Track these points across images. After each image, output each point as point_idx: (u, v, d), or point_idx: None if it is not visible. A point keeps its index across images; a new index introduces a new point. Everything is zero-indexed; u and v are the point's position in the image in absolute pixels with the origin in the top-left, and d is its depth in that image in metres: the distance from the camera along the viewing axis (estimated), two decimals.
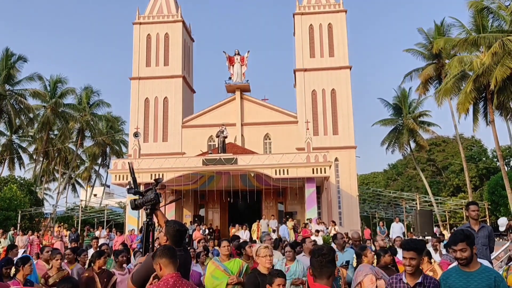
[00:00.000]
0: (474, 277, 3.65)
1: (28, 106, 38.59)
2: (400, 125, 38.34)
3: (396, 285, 3.97)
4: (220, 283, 5.62)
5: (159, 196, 4.28)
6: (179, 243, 3.78)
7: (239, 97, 31.84)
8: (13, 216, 29.51)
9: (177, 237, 3.89)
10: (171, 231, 3.92)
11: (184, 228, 4.00)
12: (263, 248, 5.24)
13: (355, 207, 30.14)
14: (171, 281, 3.23)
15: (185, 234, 3.95)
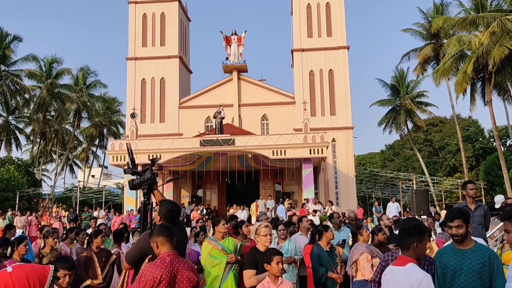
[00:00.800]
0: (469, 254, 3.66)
1: (24, 86, 38.32)
2: (397, 105, 38.33)
3: (391, 262, 3.97)
4: (219, 262, 5.67)
5: (155, 176, 4.28)
6: (173, 222, 3.79)
7: (236, 78, 31.65)
8: (11, 197, 29.58)
9: (170, 216, 3.91)
10: (163, 211, 3.96)
11: (177, 208, 4.00)
12: (264, 227, 5.29)
13: (352, 187, 30.32)
14: (167, 260, 3.25)
15: (179, 214, 3.97)
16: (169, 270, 3.21)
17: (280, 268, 4.36)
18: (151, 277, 3.16)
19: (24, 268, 1.64)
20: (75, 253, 7.05)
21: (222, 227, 6.10)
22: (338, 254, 6.41)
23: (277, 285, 4.36)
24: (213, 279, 5.70)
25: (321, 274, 6.10)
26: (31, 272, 1.63)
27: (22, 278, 1.60)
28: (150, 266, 3.23)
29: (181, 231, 3.93)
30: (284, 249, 6.37)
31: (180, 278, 3.25)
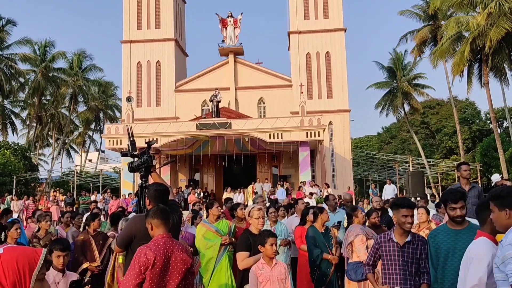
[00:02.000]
0: (463, 234, 3.70)
1: (19, 70, 38.01)
2: (394, 88, 38.24)
3: (385, 244, 4.00)
4: (213, 244, 5.73)
5: (152, 159, 4.28)
6: (162, 203, 3.79)
7: (232, 61, 31.43)
8: (8, 181, 29.56)
9: (157, 197, 3.89)
10: (151, 191, 3.96)
11: (162, 187, 3.98)
12: (256, 210, 5.32)
13: (348, 170, 30.43)
14: (161, 242, 3.27)
15: (166, 193, 3.94)
16: (163, 252, 3.23)
17: (274, 250, 4.40)
18: (145, 259, 3.19)
19: (15, 251, 1.62)
20: (71, 236, 7.10)
21: (216, 210, 6.15)
22: (333, 236, 6.47)
23: (271, 266, 4.41)
24: (207, 260, 5.76)
25: (316, 256, 6.17)
26: (21, 255, 1.61)
27: (12, 261, 1.58)
28: (144, 249, 3.25)
29: (174, 211, 3.93)
30: (277, 232, 6.43)
31: (174, 260, 3.28)
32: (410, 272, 3.80)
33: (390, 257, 3.92)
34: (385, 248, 3.97)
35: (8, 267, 1.56)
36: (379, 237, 4.15)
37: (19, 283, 1.56)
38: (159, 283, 3.23)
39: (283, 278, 4.43)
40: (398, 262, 3.85)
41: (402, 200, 4.24)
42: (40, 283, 1.64)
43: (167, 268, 3.25)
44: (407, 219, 3.88)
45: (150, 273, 3.19)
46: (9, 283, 1.54)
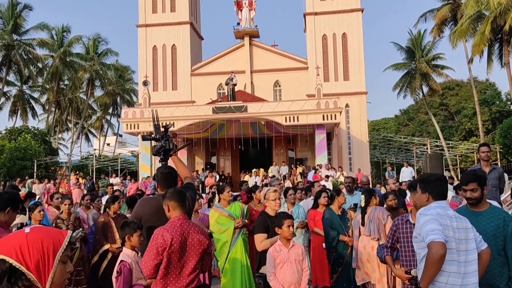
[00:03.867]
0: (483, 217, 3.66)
1: (37, 56, 38.47)
2: (412, 69, 37.61)
3: (402, 226, 4.01)
4: (227, 228, 5.78)
5: (170, 142, 4.31)
6: (168, 185, 3.84)
7: (248, 44, 31.23)
8: (29, 165, 30.17)
9: (164, 179, 3.98)
10: (158, 175, 4.07)
11: (168, 170, 4.05)
12: (272, 192, 5.35)
13: (365, 153, 30.23)
14: (178, 223, 3.33)
15: (172, 176, 3.99)
16: (179, 233, 3.29)
17: (291, 231, 4.44)
18: (162, 240, 3.25)
19: (41, 231, 1.64)
20: (91, 218, 7.25)
21: (227, 194, 6.17)
22: (350, 218, 6.49)
23: (289, 248, 4.45)
24: (222, 245, 5.82)
25: (333, 238, 6.20)
26: (47, 235, 1.63)
27: (37, 241, 1.60)
28: (160, 230, 3.31)
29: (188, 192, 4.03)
30: (294, 214, 6.47)
31: (191, 241, 3.33)
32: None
33: (406, 238, 3.91)
34: (402, 230, 3.97)
35: (33, 246, 1.58)
36: (397, 219, 4.15)
37: (42, 262, 1.58)
38: (176, 264, 3.29)
39: (300, 259, 4.48)
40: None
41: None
42: (63, 265, 1.65)
43: (184, 249, 3.30)
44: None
45: (167, 254, 3.25)
46: (33, 262, 1.57)
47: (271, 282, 4.44)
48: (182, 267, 3.31)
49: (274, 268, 4.43)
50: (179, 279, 3.30)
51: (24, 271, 1.56)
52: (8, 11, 36.49)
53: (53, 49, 39.60)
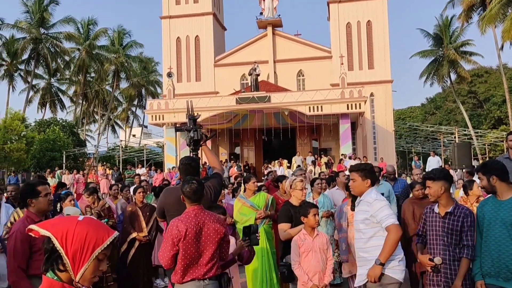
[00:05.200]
0: (505, 206, 3.65)
1: (64, 49, 39.28)
2: (440, 56, 36.76)
3: (429, 215, 4.01)
4: (248, 219, 5.80)
5: (198, 132, 4.36)
6: (189, 175, 3.87)
7: (271, 33, 31.07)
8: (58, 156, 30.97)
9: (185, 170, 4.04)
10: (180, 165, 4.16)
11: (188, 161, 4.09)
12: (299, 181, 5.35)
13: (390, 142, 29.83)
14: (192, 214, 3.37)
15: (192, 167, 4.03)
16: (194, 223, 3.32)
17: (317, 220, 4.46)
18: (177, 231, 3.30)
19: (91, 224, 1.67)
20: (120, 208, 7.42)
21: (252, 184, 6.18)
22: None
23: (313, 236, 4.47)
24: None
25: None
26: (94, 229, 1.65)
27: (83, 232, 1.63)
28: (175, 221, 3.36)
29: (210, 181, 4.08)
30: (320, 204, 6.45)
31: (206, 231, 3.35)
32: (450, 243, 3.77)
33: (432, 227, 3.92)
34: (428, 218, 3.99)
35: (78, 235, 1.62)
36: (426, 209, 4.16)
37: (79, 253, 1.62)
38: (192, 253, 3.32)
39: (324, 248, 4.49)
40: (438, 233, 3.85)
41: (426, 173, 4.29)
42: (98, 262, 1.67)
43: (200, 239, 3.33)
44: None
45: (183, 244, 3.29)
46: (71, 250, 1.62)
47: (296, 270, 4.46)
48: (199, 256, 3.35)
49: (299, 256, 4.45)
50: (197, 269, 3.35)
51: (63, 255, 1.61)
52: (35, 6, 37.29)
53: (79, 42, 40.32)
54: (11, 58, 39.02)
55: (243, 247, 3.75)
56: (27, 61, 40.01)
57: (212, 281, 3.39)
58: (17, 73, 40.99)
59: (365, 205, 3.93)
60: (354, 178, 4.01)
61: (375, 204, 3.85)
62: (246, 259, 3.91)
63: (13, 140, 30.21)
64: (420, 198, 6.07)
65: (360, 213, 4.00)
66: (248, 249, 3.84)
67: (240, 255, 3.84)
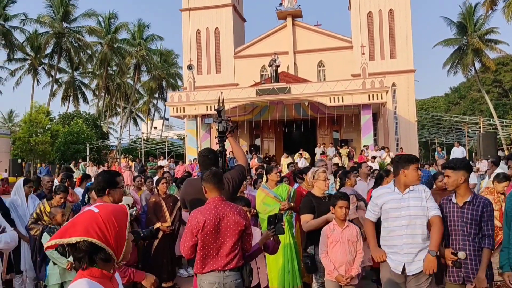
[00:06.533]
0: None
1: (86, 43, 39.83)
2: (464, 44, 35.94)
3: (446, 205, 3.98)
4: (272, 210, 5.80)
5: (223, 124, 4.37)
6: (206, 167, 3.90)
7: (290, 24, 30.85)
8: (82, 149, 31.57)
9: (201, 162, 4.12)
10: (198, 157, 4.22)
11: (205, 153, 4.14)
12: (322, 172, 5.33)
13: (413, 133, 29.39)
14: (212, 205, 3.40)
15: (209, 159, 4.06)
16: (213, 215, 3.34)
17: (343, 213, 4.40)
18: (196, 222, 3.33)
19: (108, 208, 1.75)
20: (144, 199, 7.53)
21: (275, 175, 6.17)
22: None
23: (343, 228, 4.43)
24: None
25: None
26: (114, 211, 1.74)
27: (110, 218, 1.70)
28: (195, 213, 3.40)
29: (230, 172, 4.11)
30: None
31: (226, 223, 3.37)
32: (469, 233, 3.74)
33: (450, 218, 3.89)
34: (446, 209, 3.95)
35: (108, 223, 1.69)
36: (442, 199, 4.12)
37: (119, 237, 1.71)
38: (212, 244, 3.35)
39: (354, 240, 4.44)
40: (457, 223, 3.82)
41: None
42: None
43: (219, 231, 3.35)
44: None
45: (201, 235, 3.33)
46: (112, 238, 1.69)
47: (323, 260, 4.46)
48: (219, 248, 3.37)
49: (327, 246, 4.45)
50: (217, 260, 3.37)
51: (105, 247, 1.68)
52: (57, 0, 37.83)
53: (101, 36, 40.80)
54: (35, 53, 39.80)
55: (268, 236, 3.76)
56: (51, 55, 40.77)
57: (233, 272, 3.41)
58: (41, 67, 41.82)
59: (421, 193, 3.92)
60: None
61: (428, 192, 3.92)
62: (271, 248, 3.93)
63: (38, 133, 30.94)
64: (443, 189, 5.98)
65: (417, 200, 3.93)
66: (274, 238, 3.85)
67: (266, 244, 3.85)
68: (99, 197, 3.35)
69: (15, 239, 3.40)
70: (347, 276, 4.32)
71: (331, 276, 4.39)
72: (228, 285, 3.38)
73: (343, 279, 4.31)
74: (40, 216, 5.53)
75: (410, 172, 3.83)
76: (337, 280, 4.34)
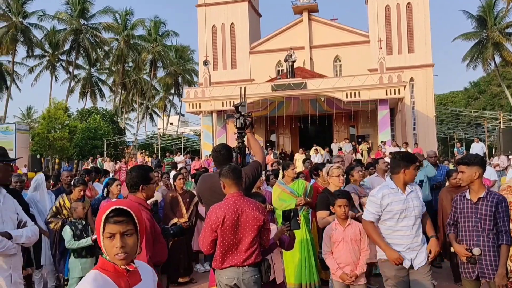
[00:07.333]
0: None
1: (103, 39, 40.19)
2: (484, 38, 35.28)
3: (460, 202, 3.96)
4: (288, 205, 5.77)
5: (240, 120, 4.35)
6: (219, 163, 3.91)
7: (306, 19, 30.64)
8: (99, 144, 31.95)
9: (214, 158, 4.11)
10: (212, 153, 4.19)
11: (218, 149, 4.12)
12: (335, 168, 5.28)
13: (431, 128, 28.99)
14: (231, 201, 3.39)
15: (221, 155, 4.05)
16: (232, 210, 3.34)
17: (343, 212, 4.29)
18: (215, 217, 3.33)
19: (124, 202, 1.79)
20: (161, 194, 7.56)
21: (291, 171, 6.13)
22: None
23: (345, 226, 4.33)
24: None
25: None
26: (134, 204, 1.80)
27: (139, 211, 1.77)
28: (214, 208, 3.39)
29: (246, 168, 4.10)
30: None
31: (245, 218, 3.37)
32: (483, 229, 3.72)
33: (463, 214, 3.88)
34: (460, 206, 3.94)
35: (140, 219, 1.76)
36: (456, 196, 4.08)
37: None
38: (231, 240, 3.35)
39: (357, 239, 4.32)
40: (471, 219, 3.81)
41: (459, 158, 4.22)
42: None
43: (238, 226, 3.35)
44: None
45: (221, 231, 3.33)
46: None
47: (327, 260, 4.37)
48: (238, 243, 3.37)
49: (330, 246, 4.36)
50: (236, 255, 3.38)
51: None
52: None
53: (117, 32, 41.13)
54: (53, 49, 40.34)
55: (283, 231, 3.74)
56: (68, 52, 41.27)
57: (251, 268, 3.41)
58: (58, 63, 42.38)
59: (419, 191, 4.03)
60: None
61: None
62: (287, 244, 3.90)
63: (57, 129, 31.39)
64: (457, 187, 5.90)
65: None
66: (289, 234, 3.82)
67: (281, 240, 3.83)
68: (131, 192, 3.33)
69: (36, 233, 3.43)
70: (352, 275, 4.20)
71: (336, 275, 4.29)
72: (246, 281, 3.38)
73: (347, 278, 4.20)
74: (59, 210, 5.60)
75: (411, 172, 3.81)
76: (342, 278, 4.23)
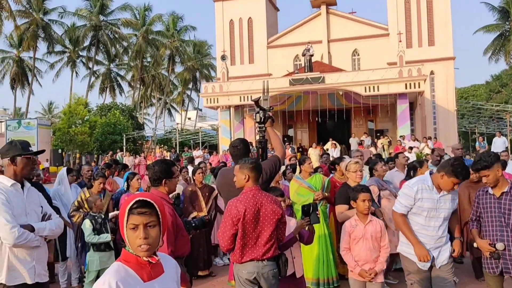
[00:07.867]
0: None
1: (122, 35, 40.64)
2: (506, 30, 34.52)
3: (483, 197, 3.93)
4: (306, 200, 5.77)
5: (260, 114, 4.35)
6: (236, 158, 3.92)
7: (324, 12, 30.39)
8: (118, 139, 32.37)
9: (231, 152, 4.14)
10: (229, 148, 4.22)
11: (235, 144, 4.13)
12: (353, 163, 5.24)
13: (452, 122, 28.52)
14: (250, 194, 3.40)
15: (238, 150, 4.06)
16: (252, 204, 3.35)
17: (367, 206, 4.13)
18: (236, 211, 3.34)
19: (147, 194, 1.86)
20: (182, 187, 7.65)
21: (308, 166, 6.10)
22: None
23: (365, 223, 4.15)
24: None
25: None
26: (157, 197, 1.85)
27: (162, 204, 1.84)
28: (234, 202, 3.40)
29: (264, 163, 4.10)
30: None
31: (264, 212, 3.38)
32: (507, 224, 3.69)
33: (487, 209, 3.86)
34: (482, 201, 3.92)
35: (163, 211, 1.81)
36: (478, 191, 4.04)
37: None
38: (251, 234, 3.36)
39: (378, 236, 4.15)
40: (494, 214, 3.78)
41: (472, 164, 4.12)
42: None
43: (258, 219, 3.36)
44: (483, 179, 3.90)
45: (242, 224, 3.33)
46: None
47: (344, 256, 4.23)
48: (257, 237, 3.39)
49: (348, 243, 4.21)
50: (255, 249, 3.39)
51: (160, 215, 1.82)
52: None
53: (136, 28, 41.51)
54: (73, 45, 40.96)
55: (303, 225, 3.74)
56: (88, 47, 41.85)
57: (270, 262, 3.42)
58: (78, 59, 43.01)
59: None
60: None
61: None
62: (306, 238, 3.89)
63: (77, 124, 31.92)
64: (475, 182, 5.81)
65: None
66: (308, 228, 3.81)
67: (300, 234, 3.82)
68: (154, 186, 3.36)
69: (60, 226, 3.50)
70: (371, 272, 4.04)
71: (354, 273, 4.13)
72: (266, 275, 3.39)
73: (367, 275, 4.04)
74: (81, 204, 5.72)
75: (447, 181, 3.63)
76: (361, 275, 4.08)
